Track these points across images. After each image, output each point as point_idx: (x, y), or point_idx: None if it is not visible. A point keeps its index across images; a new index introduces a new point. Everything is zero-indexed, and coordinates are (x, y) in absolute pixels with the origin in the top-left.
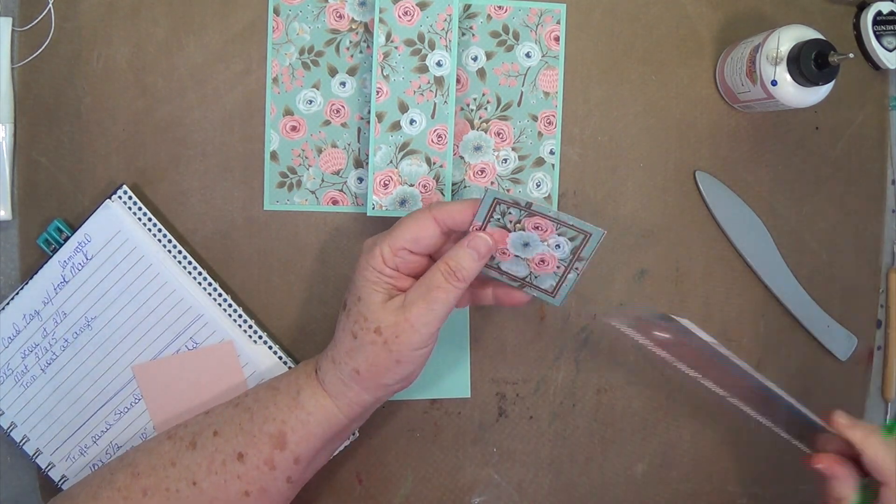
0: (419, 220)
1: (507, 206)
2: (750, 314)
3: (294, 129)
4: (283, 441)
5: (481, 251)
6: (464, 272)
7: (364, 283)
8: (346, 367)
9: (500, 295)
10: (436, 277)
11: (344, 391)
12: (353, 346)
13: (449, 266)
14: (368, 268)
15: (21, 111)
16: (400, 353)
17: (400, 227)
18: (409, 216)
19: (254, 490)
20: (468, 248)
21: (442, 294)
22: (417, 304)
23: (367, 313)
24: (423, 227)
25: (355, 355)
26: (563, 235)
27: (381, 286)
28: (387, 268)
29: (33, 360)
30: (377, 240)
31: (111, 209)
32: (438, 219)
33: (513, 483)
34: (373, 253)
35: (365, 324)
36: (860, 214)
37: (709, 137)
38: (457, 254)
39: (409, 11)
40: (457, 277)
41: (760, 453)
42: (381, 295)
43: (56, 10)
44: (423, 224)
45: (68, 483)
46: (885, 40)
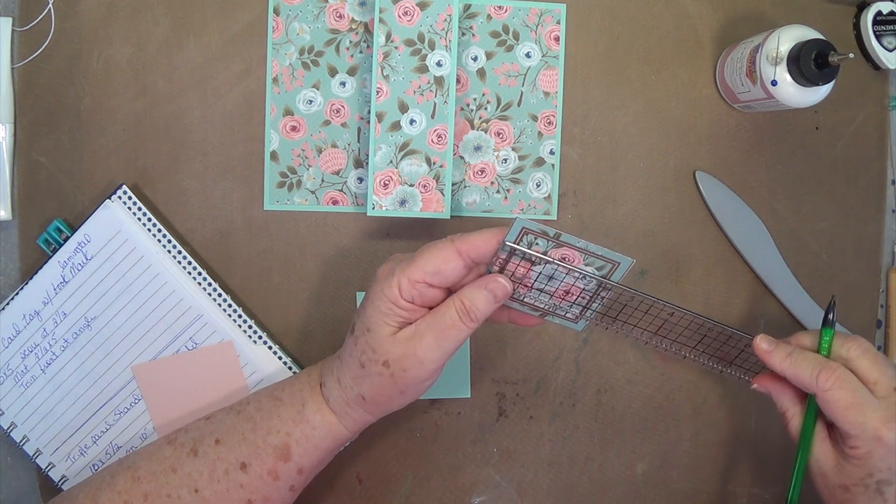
0: (442, 251)
1: (534, 237)
2: (750, 314)
3: (294, 129)
4: (288, 453)
5: (498, 296)
6: (478, 313)
7: (376, 313)
8: (351, 392)
9: (515, 318)
10: (449, 314)
11: (348, 412)
12: (359, 374)
13: (464, 305)
14: (383, 298)
15: (21, 111)
16: (406, 385)
17: (421, 257)
18: (430, 247)
19: (257, 499)
20: (486, 290)
21: (453, 332)
22: (427, 339)
23: (376, 345)
24: (447, 260)
25: (361, 383)
26: (590, 266)
27: (393, 318)
28: (402, 300)
29: (33, 361)
30: (394, 269)
31: (111, 209)
32: (462, 251)
33: (513, 483)
34: (389, 283)
35: (373, 355)
36: (860, 214)
37: (709, 137)
38: (473, 294)
39: (409, 11)
40: (470, 318)
41: (760, 453)
42: (391, 328)
43: (56, 10)
44: (447, 256)
45: (68, 483)
46: (885, 40)
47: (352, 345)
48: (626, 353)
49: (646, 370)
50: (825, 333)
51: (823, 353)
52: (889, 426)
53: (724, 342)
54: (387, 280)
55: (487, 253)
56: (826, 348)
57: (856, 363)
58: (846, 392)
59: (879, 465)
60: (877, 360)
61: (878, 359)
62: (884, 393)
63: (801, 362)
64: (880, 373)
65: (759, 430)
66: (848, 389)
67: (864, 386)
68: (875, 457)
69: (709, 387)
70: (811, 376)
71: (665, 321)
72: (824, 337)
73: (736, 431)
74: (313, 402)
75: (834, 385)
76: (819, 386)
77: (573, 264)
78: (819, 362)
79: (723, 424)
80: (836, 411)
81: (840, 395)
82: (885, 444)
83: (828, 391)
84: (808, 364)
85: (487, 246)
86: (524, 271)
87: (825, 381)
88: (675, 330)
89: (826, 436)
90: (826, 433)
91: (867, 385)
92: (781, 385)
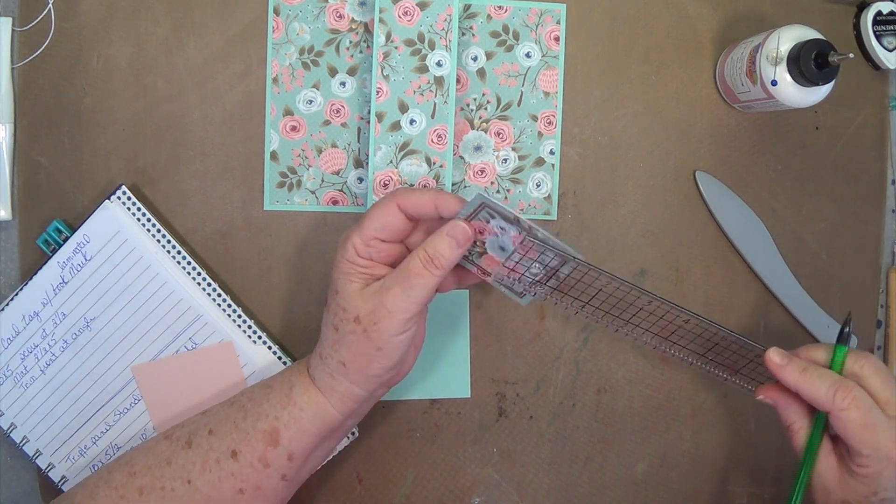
0: (384, 208)
1: (493, 213)
2: (750, 314)
3: (294, 129)
4: (276, 438)
5: (460, 240)
6: (442, 259)
7: (340, 275)
8: (331, 361)
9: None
10: (414, 264)
11: (333, 385)
12: (335, 338)
13: (427, 253)
14: (343, 261)
15: (21, 111)
16: (380, 339)
17: (367, 217)
18: (374, 205)
19: (248, 488)
20: (447, 235)
21: (420, 280)
22: (393, 290)
23: (345, 304)
24: (388, 214)
25: (339, 347)
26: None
27: (357, 276)
28: (360, 258)
29: (33, 361)
30: (349, 234)
31: (110, 210)
32: (402, 205)
33: (513, 483)
34: (345, 247)
35: (344, 314)
36: (860, 214)
37: (709, 137)
38: (435, 241)
39: (409, 11)
40: (434, 265)
41: (760, 453)
42: (356, 284)
43: (56, 10)
44: (388, 211)
45: (68, 484)
46: (885, 40)
47: (325, 313)
48: (626, 353)
49: (646, 370)
50: (839, 350)
51: (836, 369)
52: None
53: (733, 351)
54: (343, 245)
55: (427, 211)
56: (839, 364)
57: (868, 381)
58: (861, 412)
59: (886, 484)
60: (889, 379)
61: (889, 378)
62: (895, 413)
63: (816, 380)
64: (892, 393)
65: (758, 430)
66: (863, 410)
67: (876, 405)
68: (884, 476)
69: (709, 387)
70: (826, 395)
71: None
72: (838, 353)
73: (736, 431)
74: (300, 385)
75: (850, 405)
76: (835, 405)
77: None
78: (835, 381)
79: (723, 424)
80: (849, 430)
81: (855, 415)
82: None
83: (843, 411)
84: (824, 382)
85: (425, 208)
86: (480, 229)
87: (842, 401)
88: (679, 332)
89: (831, 450)
90: (831, 447)
91: (878, 404)
92: (788, 398)
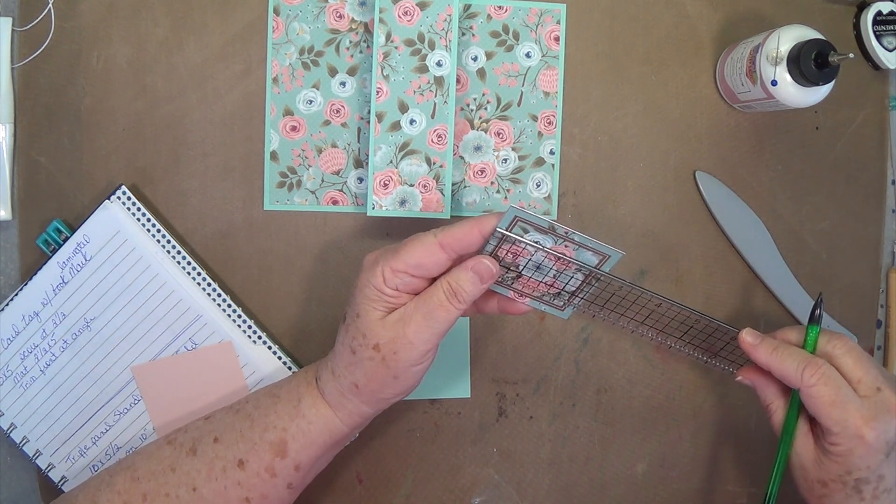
0: (425, 245)
1: (527, 226)
2: (750, 314)
3: (294, 129)
4: (284, 449)
5: (484, 277)
6: (464, 294)
7: (363, 300)
8: (345, 381)
9: (505, 306)
10: (437, 296)
11: (343, 403)
12: (352, 360)
13: (451, 286)
14: (369, 286)
15: (21, 111)
16: (398, 368)
17: (405, 249)
18: (414, 239)
19: (254, 496)
20: (472, 271)
21: (442, 313)
22: (416, 320)
23: (366, 330)
24: (429, 254)
25: (354, 370)
26: (580, 256)
27: (381, 304)
28: (387, 287)
29: (33, 362)
30: (379, 258)
31: (110, 210)
32: (445, 244)
33: (513, 483)
34: (374, 272)
35: (363, 340)
36: (860, 214)
37: (709, 137)
38: (459, 276)
39: (409, 11)
40: (457, 299)
41: (760, 453)
42: (379, 312)
43: (56, 10)
44: (430, 250)
45: (68, 484)
46: (885, 40)
47: (343, 332)
48: (627, 353)
49: (646, 370)
50: (811, 330)
51: (809, 349)
52: (870, 425)
53: (710, 334)
54: (371, 269)
55: (471, 245)
56: (812, 344)
57: (840, 361)
58: (830, 389)
59: (859, 463)
60: (861, 358)
61: (862, 357)
62: (866, 392)
63: (786, 357)
64: (864, 372)
65: (758, 430)
66: (832, 386)
67: (847, 384)
68: (855, 455)
69: (709, 387)
70: (796, 371)
71: (652, 311)
72: (810, 333)
73: (736, 432)
74: (309, 397)
75: (818, 381)
76: (803, 381)
77: (563, 254)
78: (804, 358)
79: (723, 424)
80: (819, 407)
81: (824, 391)
82: (866, 443)
83: (812, 387)
84: (794, 359)
85: (470, 238)
86: (513, 258)
87: (809, 377)
88: (662, 320)
89: (808, 430)
90: (808, 428)
91: (851, 383)
92: (766, 378)
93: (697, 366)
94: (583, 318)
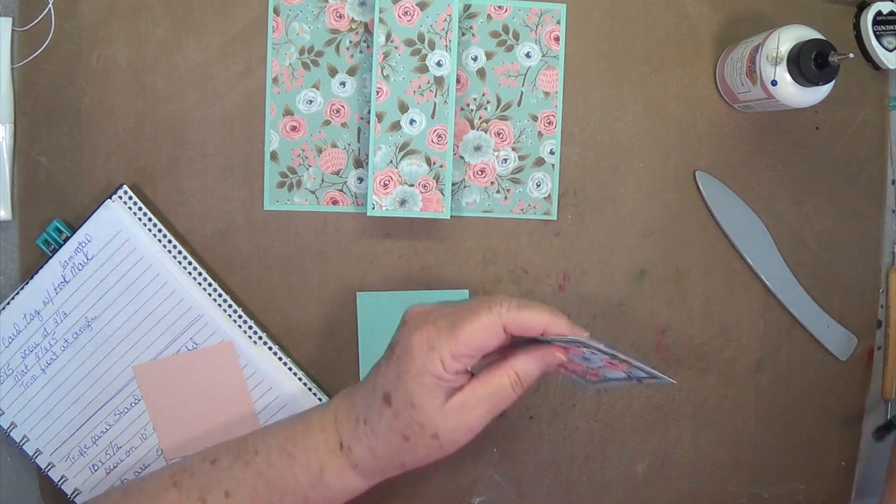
0: (488, 328)
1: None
2: (750, 314)
3: (294, 129)
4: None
5: (552, 367)
6: (529, 381)
7: (419, 388)
8: (390, 462)
9: None
10: (503, 386)
11: (379, 476)
12: (403, 447)
13: (519, 376)
14: (426, 374)
15: (21, 111)
16: (453, 449)
17: (465, 331)
18: (473, 318)
19: None
20: (543, 362)
21: (506, 402)
22: (479, 410)
23: (425, 420)
24: (493, 337)
25: (404, 454)
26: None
27: (441, 391)
28: (447, 374)
29: (33, 360)
30: (432, 339)
31: (112, 209)
32: (510, 327)
33: (513, 483)
34: (432, 359)
35: (421, 430)
36: (860, 214)
37: (709, 137)
38: (528, 366)
39: (409, 11)
40: (522, 387)
41: (760, 453)
42: (438, 401)
43: (56, 10)
44: (494, 332)
45: (68, 484)
46: (885, 40)
47: (391, 417)
48: (626, 353)
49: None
50: None
51: None
52: None
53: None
54: (428, 356)
55: (535, 331)
56: None
57: None
58: None
59: None
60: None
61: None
62: None
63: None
64: None
65: (758, 430)
66: None
67: None
68: None
69: (709, 387)
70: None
71: None
72: None
73: (736, 431)
74: (335, 468)
75: None
76: None
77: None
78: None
79: (723, 424)
80: None
81: None
82: None
83: None
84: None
85: (536, 328)
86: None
87: None
88: None
89: None
90: None
91: None
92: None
93: (697, 366)
94: (583, 318)
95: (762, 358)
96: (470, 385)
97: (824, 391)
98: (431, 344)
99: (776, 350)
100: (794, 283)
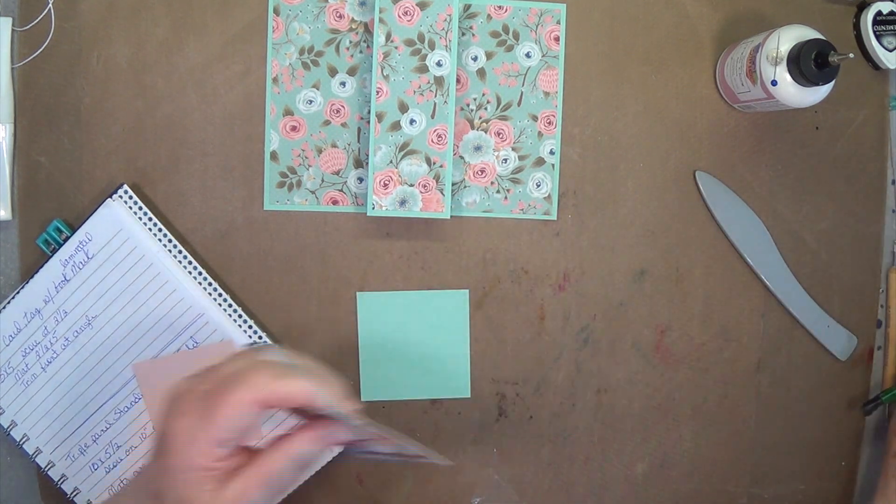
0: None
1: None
2: (750, 314)
3: (294, 129)
4: None
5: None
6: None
7: (187, 484)
8: None
9: None
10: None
11: None
12: None
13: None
14: (190, 469)
15: (21, 111)
16: None
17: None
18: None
19: None
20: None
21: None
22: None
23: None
24: (253, 418)
25: None
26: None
27: (211, 482)
28: (213, 463)
29: (34, 359)
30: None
31: (112, 208)
32: (269, 400)
33: (513, 483)
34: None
35: None
36: (860, 214)
37: (709, 137)
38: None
39: (409, 11)
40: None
41: (760, 453)
42: (212, 491)
43: (56, 10)
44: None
45: (68, 483)
46: (885, 40)
47: None
48: (626, 353)
49: (646, 370)
50: None
51: None
52: None
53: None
54: (189, 449)
55: (297, 403)
56: None
57: None
58: None
59: None
60: None
61: None
62: None
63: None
64: None
65: (759, 430)
66: None
67: None
68: None
69: (709, 387)
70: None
71: None
72: None
73: (736, 431)
74: None
75: None
76: None
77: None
78: None
79: (723, 424)
80: None
81: None
82: None
83: None
84: None
85: (298, 398)
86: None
87: None
88: None
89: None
90: None
91: None
92: None
93: (697, 366)
94: (583, 318)
95: (762, 358)
96: (246, 471)
97: (824, 391)
98: (191, 434)
99: (776, 350)
100: (794, 283)
